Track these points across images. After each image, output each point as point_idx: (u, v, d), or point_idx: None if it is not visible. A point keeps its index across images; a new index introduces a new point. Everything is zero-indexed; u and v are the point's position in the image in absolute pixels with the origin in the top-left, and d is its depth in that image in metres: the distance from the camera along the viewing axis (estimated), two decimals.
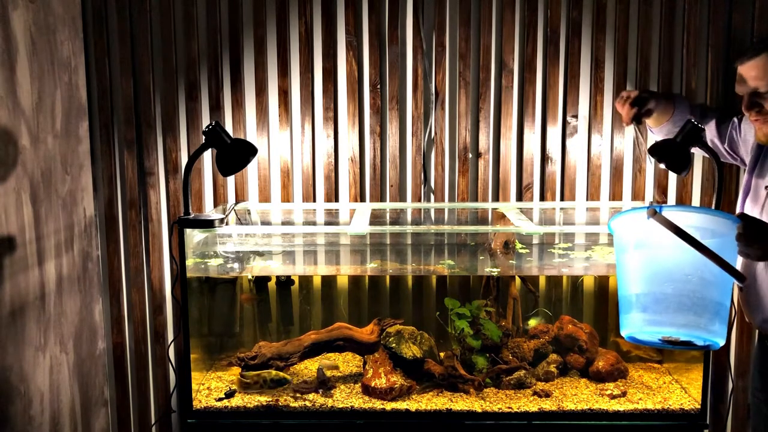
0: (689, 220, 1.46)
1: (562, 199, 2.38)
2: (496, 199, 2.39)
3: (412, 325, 2.22)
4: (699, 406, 2.00)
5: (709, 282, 1.48)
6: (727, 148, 1.96)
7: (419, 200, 2.40)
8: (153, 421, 2.51)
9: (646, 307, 1.51)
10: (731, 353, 2.37)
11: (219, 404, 2.04)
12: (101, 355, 2.44)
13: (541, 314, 2.33)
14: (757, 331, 1.84)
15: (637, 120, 1.91)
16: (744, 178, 1.83)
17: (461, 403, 2.03)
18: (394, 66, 2.34)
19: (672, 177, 2.34)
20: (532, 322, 2.32)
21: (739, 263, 1.62)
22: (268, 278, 2.36)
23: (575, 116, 2.34)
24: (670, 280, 1.50)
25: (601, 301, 2.40)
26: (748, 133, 1.86)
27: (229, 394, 2.08)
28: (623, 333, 1.58)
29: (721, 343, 1.51)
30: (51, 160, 2.08)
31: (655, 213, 1.44)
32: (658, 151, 1.80)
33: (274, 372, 2.11)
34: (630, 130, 1.94)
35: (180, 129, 2.37)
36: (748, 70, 1.66)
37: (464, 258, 2.37)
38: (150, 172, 2.38)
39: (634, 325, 1.54)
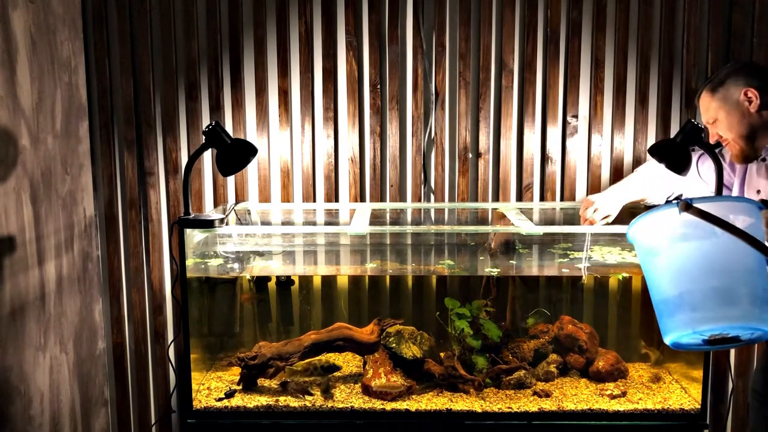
0: (717, 210, 1.42)
1: (562, 199, 2.38)
2: (496, 199, 2.39)
3: (412, 325, 2.22)
4: (699, 406, 2.00)
5: (752, 270, 1.43)
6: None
7: (419, 200, 2.40)
8: (153, 421, 2.51)
9: (695, 305, 1.43)
10: (731, 353, 2.37)
11: (219, 404, 2.04)
12: (101, 355, 2.44)
13: (541, 314, 2.33)
14: None
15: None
16: (736, 192, 1.89)
17: (461, 403, 2.03)
18: (394, 66, 2.34)
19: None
20: (531, 321, 2.32)
21: None
22: (268, 278, 2.36)
23: (575, 116, 2.34)
24: (715, 273, 1.44)
25: (601, 301, 2.40)
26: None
27: (229, 394, 2.08)
28: (667, 339, 1.49)
29: None
30: (51, 160, 2.08)
31: (688, 207, 1.39)
32: (658, 151, 1.81)
33: (324, 359, 2.10)
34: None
35: (180, 129, 2.37)
36: (699, 106, 1.82)
37: (464, 258, 2.37)
38: (150, 172, 2.38)
39: (682, 327, 1.45)
